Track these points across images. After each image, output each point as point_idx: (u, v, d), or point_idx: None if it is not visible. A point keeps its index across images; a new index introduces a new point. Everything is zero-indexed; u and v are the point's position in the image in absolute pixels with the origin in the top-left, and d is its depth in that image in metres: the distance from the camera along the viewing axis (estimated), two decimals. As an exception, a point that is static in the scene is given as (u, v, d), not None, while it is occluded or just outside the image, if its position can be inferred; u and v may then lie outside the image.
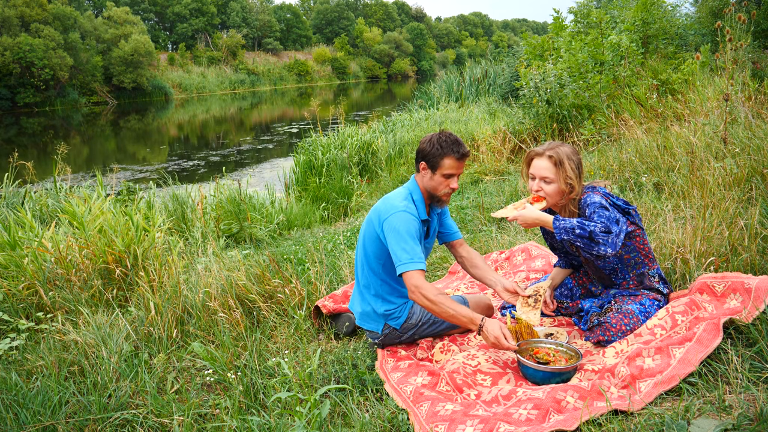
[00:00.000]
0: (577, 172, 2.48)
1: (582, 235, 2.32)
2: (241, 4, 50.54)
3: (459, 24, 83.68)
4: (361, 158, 8.73)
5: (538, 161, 2.52)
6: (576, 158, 2.50)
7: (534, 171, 2.53)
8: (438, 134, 2.59)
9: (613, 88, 7.08)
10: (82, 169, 14.47)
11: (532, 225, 2.51)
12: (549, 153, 2.48)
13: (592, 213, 2.39)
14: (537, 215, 2.46)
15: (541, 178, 2.50)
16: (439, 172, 2.58)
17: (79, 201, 4.19)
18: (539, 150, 2.53)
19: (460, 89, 14.67)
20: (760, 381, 1.92)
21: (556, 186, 2.48)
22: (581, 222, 2.34)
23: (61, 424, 2.33)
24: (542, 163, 2.50)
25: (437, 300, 2.41)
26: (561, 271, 2.88)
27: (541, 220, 2.46)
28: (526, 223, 2.50)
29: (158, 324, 3.09)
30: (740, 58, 5.46)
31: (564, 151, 2.48)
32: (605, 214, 2.36)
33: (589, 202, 2.44)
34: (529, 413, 1.99)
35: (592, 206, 2.41)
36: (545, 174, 2.48)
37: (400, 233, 2.49)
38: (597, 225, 2.31)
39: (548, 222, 2.44)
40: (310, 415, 1.98)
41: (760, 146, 3.70)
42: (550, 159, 2.47)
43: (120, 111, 30.96)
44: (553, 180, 2.48)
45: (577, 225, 2.34)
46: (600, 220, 2.34)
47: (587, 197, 2.47)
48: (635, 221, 2.52)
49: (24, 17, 31.03)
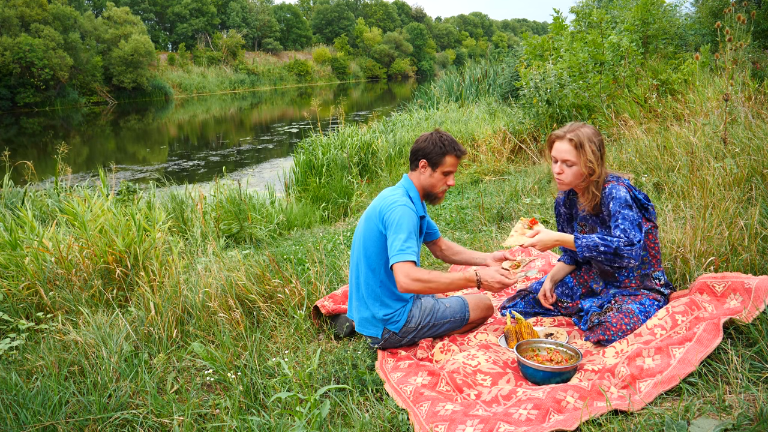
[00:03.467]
0: (598, 154, 2.48)
1: (606, 251, 2.35)
2: (241, 4, 50.54)
3: (459, 24, 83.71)
4: (361, 158, 8.73)
5: (559, 144, 2.52)
6: (597, 139, 2.50)
7: (555, 154, 2.54)
8: (436, 133, 2.66)
9: (613, 88, 7.08)
10: (82, 169, 14.48)
11: (551, 247, 2.50)
12: (569, 136, 2.49)
13: (617, 212, 2.40)
14: (556, 236, 2.47)
15: (562, 161, 2.52)
16: (439, 170, 2.65)
17: (79, 201, 4.19)
18: (560, 132, 2.53)
19: (460, 89, 14.67)
20: (760, 381, 1.92)
21: (577, 168, 2.49)
22: (603, 238, 2.37)
23: (61, 424, 2.33)
24: (563, 146, 2.50)
25: (430, 277, 2.43)
26: (564, 267, 2.89)
27: (561, 241, 2.47)
28: (545, 246, 2.48)
29: (158, 324, 3.09)
30: (740, 58, 5.46)
31: (585, 132, 2.49)
32: (629, 216, 2.37)
33: (615, 195, 2.44)
34: (529, 413, 1.99)
35: (617, 202, 2.42)
36: (566, 157, 2.49)
37: (400, 226, 2.53)
38: (621, 239, 2.34)
39: (569, 241, 2.45)
40: (310, 415, 1.98)
41: (760, 146, 3.70)
42: (571, 142, 2.48)
43: (120, 111, 30.96)
44: (575, 162, 2.49)
45: (600, 242, 2.36)
46: (624, 223, 2.36)
47: (612, 188, 2.47)
48: (651, 218, 2.53)
49: (24, 17, 31.03)
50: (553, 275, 2.88)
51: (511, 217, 4.70)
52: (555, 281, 2.87)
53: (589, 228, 2.64)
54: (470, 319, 2.79)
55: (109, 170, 9.87)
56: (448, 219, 5.00)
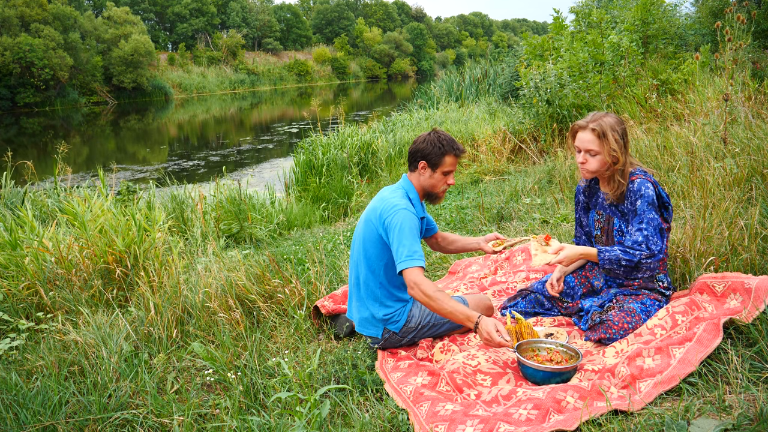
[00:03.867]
0: (621, 143, 2.50)
1: (628, 265, 2.43)
2: (241, 4, 50.53)
3: (459, 24, 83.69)
4: (361, 158, 8.73)
5: (582, 134, 2.54)
6: (620, 128, 2.52)
7: (579, 144, 2.56)
8: (434, 134, 2.66)
9: (613, 88, 7.08)
10: (82, 169, 14.48)
11: (575, 261, 2.55)
12: (592, 126, 2.51)
13: (643, 212, 2.43)
14: (580, 251, 2.52)
15: (585, 151, 2.54)
16: (439, 170, 2.66)
17: (79, 201, 4.19)
18: (582, 123, 2.56)
19: (460, 89, 14.67)
20: (760, 381, 1.92)
21: (601, 157, 2.51)
22: (625, 251, 2.42)
23: (61, 424, 2.33)
24: (586, 136, 2.52)
25: (435, 296, 2.44)
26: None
27: (585, 254, 2.52)
28: (570, 261, 2.54)
29: (158, 324, 3.09)
30: (740, 58, 5.45)
31: (608, 122, 2.50)
32: (654, 221, 2.42)
33: (644, 193, 2.46)
34: (529, 413, 1.99)
35: (645, 201, 2.44)
36: (589, 146, 2.51)
37: (403, 231, 2.53)
38: (642, 251, 2.40)
39: (592, 254, 2.50)
40: (310, 415, 1.98)
41: (760, 146, 3.70)
42: (593, 132, 2.50)
43: (120, 111, 30.96)
44: (598, 152, 2.50)
45: (622, 256, 2.42)
46: (648, 228, 2.40)
47: (642, 184, 2.48)
48: (668, 219, 2.55)
49: (24, 17, 31.02)
50: (562, 267, 2.88)
51: (511, 217, 4.70)
52: (565, 272, 2.87)
53: (606, 218, 2.66)
54: (470, 319, 2.79)
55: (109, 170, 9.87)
56: (448, 219, 5.00)
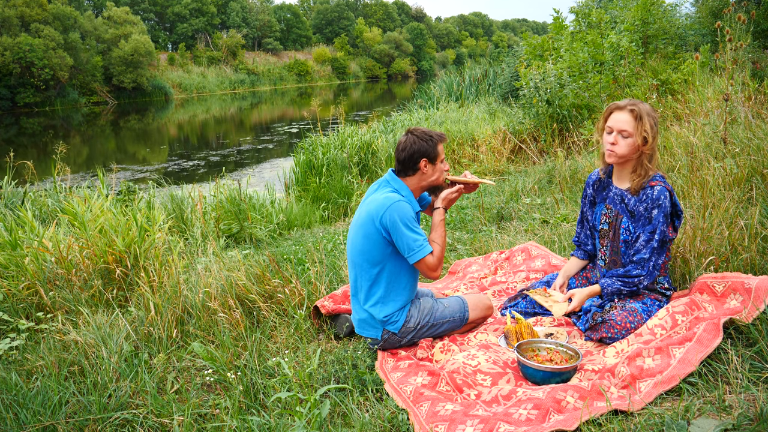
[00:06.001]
0: (655, 129, 2.53)
1: (630, 291, 2.57)
2: (241, 4, 50.50)
3: (459, 24, 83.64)
4: (361, 158, 8.72)
5: (619, 114, 2.55)
6: (654, 116, 2.55)
7: (612, 124, 2.56)
8: (415, 132, 2.72)
9: (613, 88, 7.08)
10: (82, 169, 14.48)
11: (585, 299, 2.66)
12: (630, 107, 2.53)
13: (657, 224, 2.48)
14: (587, 291, 2.63)
15: (619, 131, 2.54)
16: (438, 160, 2.74)
17: (79, 201, 4.19)
18: (621, 104, 2.57)
19: (460, 89, 14.66)
20: (760, 381, 1.93)
21: (632, 140, 2.52)
22: (624, 281, 2.55)
23: (61, 424, 2.33)
24: (623, 117, 2.53)
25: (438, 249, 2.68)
26: (578, 262, 2.92)
27: (592, 292, 2.64)
28: (581, 303, 2.65)
29: (158, 324, 3.09)
30: (740, 58, 5.46)
31: (644, 107, 2.53)
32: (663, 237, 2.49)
33: (661, 202, 2.49)
34: (529, 413, 1.99)
35: (660, 212, 2.48)
36: (624, 127, 2.52)
37: (405, 223, 2.59)
38: (643, 278, 2.52)
39: (597, 292, 2.63)
40: (310, 415, 1.98)
41: (760, 146, 3.70)
42: (632, 113, 2.51)
43: (120, 111, 30.95)
44: (632, 134, 2.51)
45: (623, 288, 2.56)
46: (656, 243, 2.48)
47: (661, 192, 2.50)
48: (677, 228, 2.58)
49: (24, 17, 31.01)
50: (566, 270, 2.89)
51: (511, 217, 4.70)
52: (568, 276, 2.88)
53: (615, 214, 2.66)
54: (470, 319, 2.79)
55: (109, 170, 9.87)
56: (448, 219, 5.00)
